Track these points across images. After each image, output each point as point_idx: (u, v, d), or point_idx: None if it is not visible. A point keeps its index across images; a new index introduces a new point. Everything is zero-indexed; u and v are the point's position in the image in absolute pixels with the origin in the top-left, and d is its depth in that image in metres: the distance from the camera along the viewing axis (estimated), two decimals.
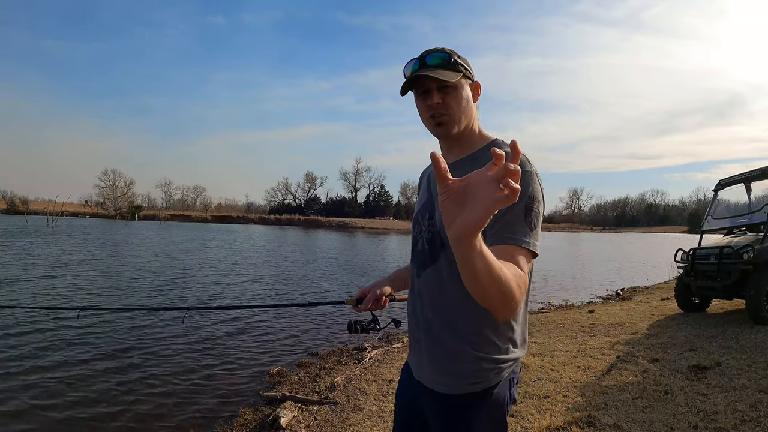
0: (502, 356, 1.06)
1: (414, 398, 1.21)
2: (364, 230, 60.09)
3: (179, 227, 44.91)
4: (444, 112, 1.07)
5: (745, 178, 6.54)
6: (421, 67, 1.07)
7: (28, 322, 5.92)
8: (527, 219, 0.96)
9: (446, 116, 1.08)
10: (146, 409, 3.68)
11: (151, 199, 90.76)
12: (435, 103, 1.06)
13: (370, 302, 1.38)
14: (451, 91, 1.07)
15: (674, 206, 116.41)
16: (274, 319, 6.85)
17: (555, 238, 49.41)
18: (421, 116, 1.13)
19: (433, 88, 1.06)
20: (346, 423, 3.20)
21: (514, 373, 1.11)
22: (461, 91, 1.08)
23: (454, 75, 1.05)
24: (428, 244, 1.13)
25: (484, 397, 1.06)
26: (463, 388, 1.06)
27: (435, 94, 1.06)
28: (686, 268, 6.26)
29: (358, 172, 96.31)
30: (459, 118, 1.08)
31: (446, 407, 1.09)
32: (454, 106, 1.07)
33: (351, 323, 1.48)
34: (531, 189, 0.98)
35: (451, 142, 1.13)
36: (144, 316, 6.62)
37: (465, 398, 1.06)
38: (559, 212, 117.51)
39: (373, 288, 1.41)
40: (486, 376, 1.05)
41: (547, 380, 3.76)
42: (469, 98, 1.10)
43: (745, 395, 3.19)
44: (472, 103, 1.11)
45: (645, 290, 10.80)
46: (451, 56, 1.07)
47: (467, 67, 1.10)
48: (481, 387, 1.05)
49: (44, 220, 38.02)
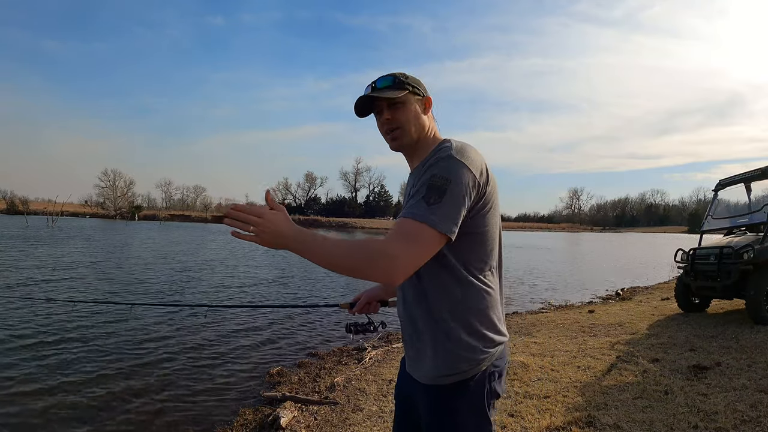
0: (481, 347, 1.12)
1: (409, 390, 1.28)
2: (364, 230, 60.09)
3: (179, 227, 44.90)
4: (395, 126, 1.18)
5: (745, 178, 6.54)
6: (372, 90, 1.19)
7: (26, 322, 5.91)
8: (426, 195, 1.02)
9: (398, 130, 1.18)
10: (146, 409, 3.68)
11: (151, 199, 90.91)
12: (386, 119, 1.19)
13: (362, 306, 1.51)
14: (399, 107, 1.18)
15: (674, 206, 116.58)
16: (274, 320, 6.85)
17: (555, 238, 49.37)
18: (381, 134, 1.24)
19: (384, 107, 1.19)
20: (346, 423, 3.20)
21: (494, 366, 1.15)
22: (410, 106, 1.19)
23: (398, 92, 1.17)
24: None
25: (462, 388, 1.12)
26: (442, 379, 1.13)
27: (386, 111, 1.19)
28: (686, 268, 6.26)
29: (358, 172, 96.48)
30: (409, 129, 1.19)
31: (430, 397, 1.16)
32: (402, 120, 1.18)
33: (348, 325, 1.61)
34: (442, 166, 1.05)
35: (410, 152, 1.24)
36: (144, 315, 6.63)
37: (446, 389, 1.13)
38: (559, 212, 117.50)
39: (365, 293, 1.53)
40: (461, 368, 1.11)
41: (547, 380, 3.76)
42: (418, 111, 1.20)
43: (745, 395, 3.19)
44: (423, 115, 1.21)
45: (645, 290, 10.80)
46: (396, 78, 1.19)
47: (414, 85, 1.20)
48: (459, 378, 1.12)
49: (44, 220, 38.02)
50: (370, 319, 1.56)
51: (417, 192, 1.05)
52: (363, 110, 1.23)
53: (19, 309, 6.70)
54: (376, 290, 1.53)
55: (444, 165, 1.05)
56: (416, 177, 1.14)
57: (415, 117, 1.20)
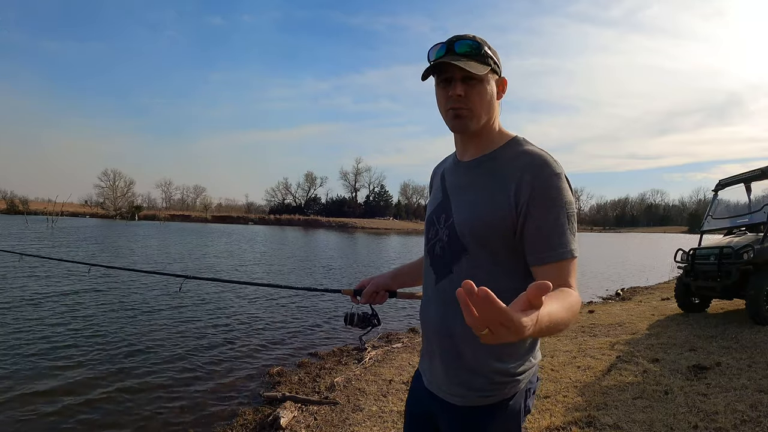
0: (520, 367, 1.03)
1: (426, 408, 1.15)
2: (364, 230, 60.06)
3: (180, 227, 44.90)
4: (464, 106, 0.99)
5: (745, 178, 6.54)
6: (448, 53, 0.98)
7: (25, 319, 5.91)
8: (570, 226, 0.94)
9: (466, 110, 0.99)
10: (146, 409, 3.68)
11: (151, 199, 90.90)
12: (456, 95, 0.98)
13: (368, 295, 1.32)
14: (476, 84, 0.98)
15: (674, 206, 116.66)
16: (274, 319, 6.86)
17: None
18: (438, 105, 1.04)
19: (457, 78, 0.98)
20: (346, 423, 3.20)
21: (531, 383, 1.07)
22: (486, 85, 1.00)
23: (481, 68, 0.97)
24: (447, 248, 1.06)
25: (499, 409, 1.02)
26: (478, 400, 1.02)
27: (458, 84, 0.98)
28: (686, 268, 6.26)
29: (358, 172, 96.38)
30: (479, 114, 1.00)
31: (460, 418, 1.05)
32: (476, 101, 0.99)
33: (348, 315, 1.41)
34: (565, 193, 0.94)
35: (468, 138, 1.06)
36: (144, 316, 6.63)
37: (480, 410, 1.02)
38: None
39: (372, 281, 1.34)
40: (503, 388, 1.01)
41: (547, 380, 3.75)
42: (494, 94, 1.03)
43: (745, 395, 3.19)
44: (496, 99, 1.04)
45: (645, 290, 10.80)
46: (482, 46, 0.99)
47: (496, 61, 1.02)
48: (498, 399, 1.02)
49: (44, 221, 38.00)
50: (374, 310, 1.39)
51: (556, 220, 0.93)
52: (427, 73, 1.01)
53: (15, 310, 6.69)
54: (384, 278, 1.36)
55: (565, 188, 0.95)
56: (479, 170, 1.05)
57: (490, 100, 1.01)
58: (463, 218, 1.03)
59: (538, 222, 0.93)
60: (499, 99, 1.05)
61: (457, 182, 1.09)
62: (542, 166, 0.95)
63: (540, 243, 0.94)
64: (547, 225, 0.93)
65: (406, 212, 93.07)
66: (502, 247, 0.99)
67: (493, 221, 0.98)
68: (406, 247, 26.90)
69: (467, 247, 1.02)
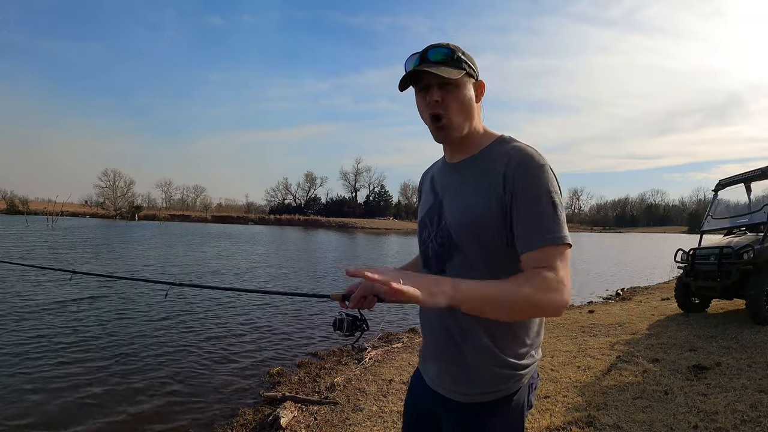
0: (523, 362, 1.04)
1: (427, 408, 1.16)
2: (364, 230, 60.05)
3: (180, 228, 44.89)
4: (443, 113, 1.02)
5: (745, 179, 6.54)
6: (422, 62, 1.01)
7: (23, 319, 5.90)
8: (555, 213, 0.95)
9: (446, 119, 1.03)
10: (146, 409, 3.68)
11: (151, 199, 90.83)
12: (434, 101, 1.01)
13: (357, 299, 1.24)
14: (452, 89, 1.01)
15: (674, 206, 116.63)
16: (274, 320, 6.86)
17: None
18: (420, 114, 1.08)
19: (433, 85, 1.01)
20: (346, 423, 3.20)
21: (533, 378, 1.09)
22: (463, 89, 1.02)
23: (456, 72, 1.00)
24: (441, 248, 1.09)
25: (503, 404, 1.03)
26: (482, 396, 1.04)
27: (435, 90, 1.01)
28: (686, 268, 6.26)
29: (357, 172, 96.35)
30: (459, 121, 1.04)
31: (464, 415, 1.06)
32: (454, 105, 1.02)
33: (336, 321, 1.35)
34: (549, 182, 0.96)
35: (455, 143, 1.10)
36: (143, 317, 6.63)
37: (484, 406, 1.04)
38: None
39: (360, 285, 1.25)
40: (506, 383, 1.03)
41: (547, 380, 3.75)
42: (472, 97, 1.05)
43: (745, 395, 3.19)
44: (475, 102, 1.06)
45: (645, 290, 10.80)
46: (455, 52, 1.02)
47: (471, 65, 1.04)
48: (502, 395, 1.03)
49: (44, 220, 38.00)
50: (362, 315, 1.34)
51: (542, 209, 0.94)
52: (403, 83, 1.04)
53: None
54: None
55: (551, 178, 0.97)
56: (466, 172, 1.07)
57: (468, 104, 1.03)
58: (455, 217, 1.06)
59: (525, 211, 0.96)
60: (478, 102, 1.08)
61: (448, 183, 1.11)
62: (526, 158, 0.98)
63: (526, 231, 0.95)
64: (533, 213, 0.95)
65: (406, 212, 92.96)
66: (495, 243, 1.00)
67: (485, 217, 1.00)
68: (405, 247, 26.89)
69: (460, 245, 1.04)
